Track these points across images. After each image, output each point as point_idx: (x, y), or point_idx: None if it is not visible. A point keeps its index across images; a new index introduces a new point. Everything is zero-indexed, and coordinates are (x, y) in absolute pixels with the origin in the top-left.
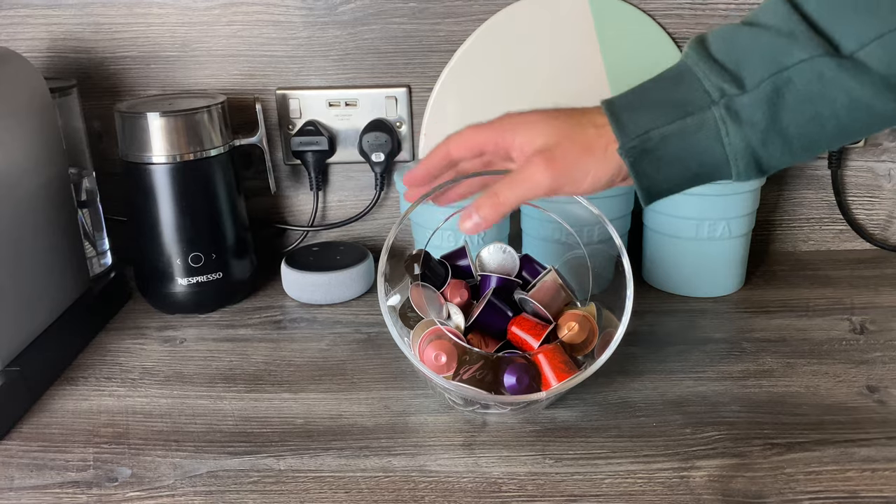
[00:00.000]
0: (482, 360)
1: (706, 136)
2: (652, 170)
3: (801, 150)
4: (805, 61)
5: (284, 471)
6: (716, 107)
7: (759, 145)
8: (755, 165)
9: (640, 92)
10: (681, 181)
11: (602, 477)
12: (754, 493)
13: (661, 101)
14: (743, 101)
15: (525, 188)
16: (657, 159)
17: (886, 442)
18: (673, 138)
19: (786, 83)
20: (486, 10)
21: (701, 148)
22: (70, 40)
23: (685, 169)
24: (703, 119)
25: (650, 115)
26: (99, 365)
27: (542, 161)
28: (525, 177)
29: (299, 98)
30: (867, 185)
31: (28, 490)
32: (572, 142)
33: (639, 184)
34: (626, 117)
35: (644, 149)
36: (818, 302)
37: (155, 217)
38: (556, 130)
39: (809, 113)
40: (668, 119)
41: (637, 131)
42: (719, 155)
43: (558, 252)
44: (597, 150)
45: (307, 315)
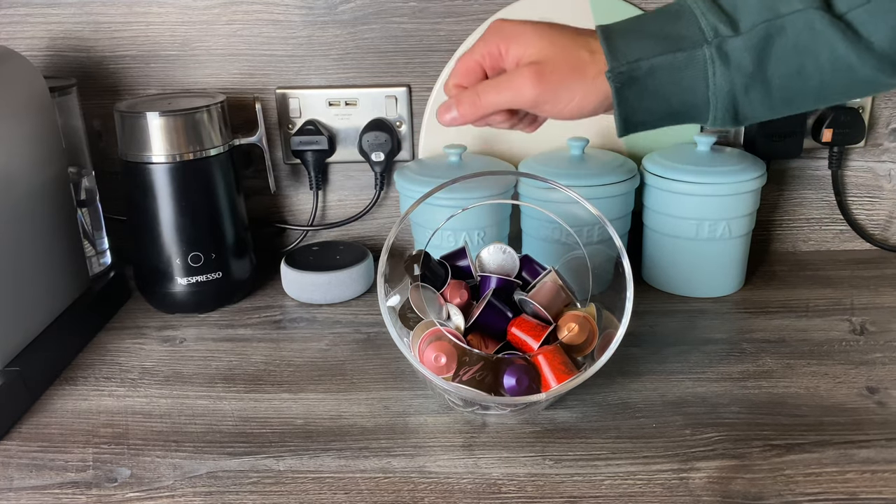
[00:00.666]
0: (482, 362)
1: (693, 74)
2: (635, 99)
3: (780, 103)
4: (800, 11)
5: (284, 471)
6: (708, 46)
7: (741, 91)
8: (733, 112)
9: (637, 22)
10: (659, 116)
11: (602, 478)
12: (754, 495)
13: (656, 33)
14: (735, 43)
15: (508, 95)
16: (642, 89)
17: (886, 443)
18: (661, 70)
19: (778, 31)
20: (485, 10)
21: (685, 84)
22: (69, 39)
23: (666, 104)
24: (693, 56)
25: (643, 44)
26: (98, 365)
27: (531, 73)
28: (511, 84)
29: (299, 97)
30: (867, 185)
31: (27, 490)
32: (564, 60)
33: (619, 111)
34: (619, 43)
35: (631, 76)
36: (818, 302)
37: (154, 216)
38: (550, 46)
39: (795, 65)
40: (660, 50)
41: (628, 58)
42: (701, 95)
43: (558, 252)
44: (587, 75)
45: (307, 315)
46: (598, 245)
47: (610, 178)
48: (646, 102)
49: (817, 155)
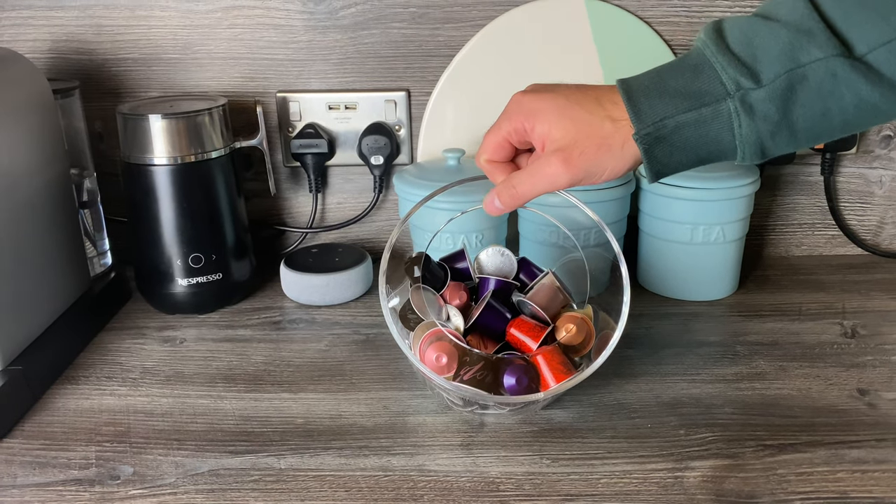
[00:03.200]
0: (482, 362)
1: (719, 127)
2: (663, 155)
3: (805, 141)
4: (820, 60)
5: (285, 470)
6: (731, 99)
7: (767, 137)
8: (760, 154)
9: (658, 78)
10: (688, 164)
11: (598, 477)
12: (747, 494)
13: (679, 90)
14: (758, 95)
15: (543, 185)
16: (670, 145)
17: (876, 444)
18: (687, 127)
19: (800, 80)
20: (484, 17)
21: (712, 137)
22: (72, 42)
23: (694, 154)
24: (717, 110)
25: (667, 102)
26: (100, 364)
27: (560, 161)
28: (543, 174)
29: (299, 101)
30: (859, 191)
31: (31, 488)
32: (589, 138)
33: (649, 167)
34: (643, 104)
35: (659, 136)
36: (810, 306)
37: (155, 218)
38: (572, 123)
39: (819, 109)
40: (685, 108)
41: (653, 118)
42: (728, 144)
43: (556, 255)
44: (614, 147)
45: (306, 316)
46: (594, 248)
47: (606, 183)
48: (675, 156)
49: (810, 161)
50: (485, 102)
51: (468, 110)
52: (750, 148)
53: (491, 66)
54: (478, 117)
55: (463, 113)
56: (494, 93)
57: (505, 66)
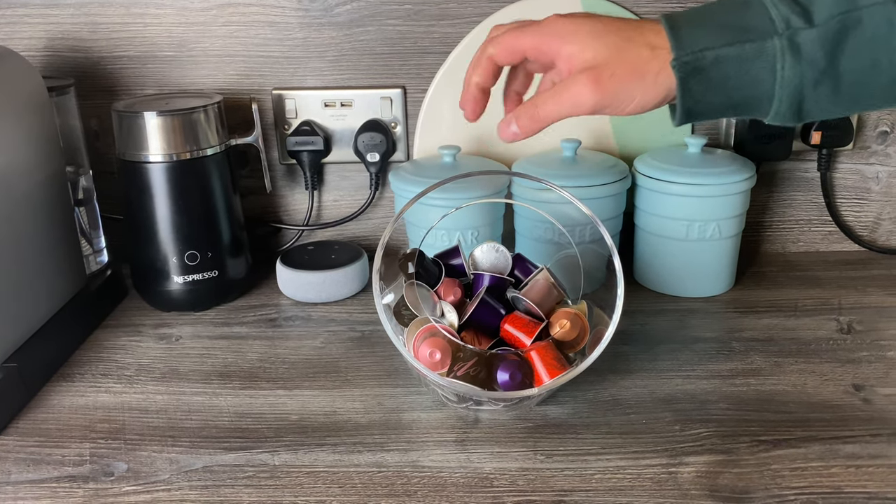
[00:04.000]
0: (476, 357)
1: (761, 66)
2: (698, 89)
3: (846, 100)
4: (879, 4)
5: (279, 466)
6: (779, 37)
7: (810, 85)
8: (796, 108)
9: (704, 11)
10: (720, 108)
11: (592, 472)
12: (741, 489)
13: (724, 23)
14: (808, 35)
15: (568, 105)
16: (707, 80)
17: (871, 439)
18: (728, 61)
19: (855, 24)
20: (480, 13)
21: (752, 76)
22: (68, 40)
23: (728, 96)
24: (762, 47)
25: (710, 33)
26: (95, 361)
27: (588, 80)
28: (569, 93)
29: (295, 98)
30: (856, 187)
31: (25, 484)
32: (623, 62)
33: (682, 101)
34: (685, 31)
35: (697, 66)
36: (806, 302)
37: (151, 215)
38: (606, 46)
39: (868, 59)
40: (728, 41)
41: (694, 47)
42: (767, 88)
43: (550, 252)
44: (647, 75)
45: (302, 313)
46: (589, 245)
47: (602, 179)
48: (709, 94)
49: (806, 157)
50: None
51: None
52: (788, 97)
53: None
54: None
55: (459, 110)
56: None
57: None
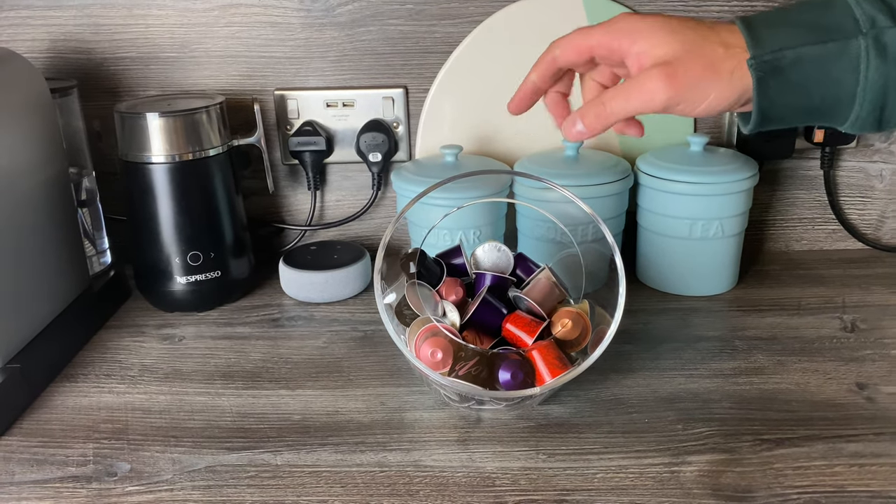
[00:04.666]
0: (477, 357)
1: (844, 67)
2: (776, 91)
3: None
4: None
5: (281, 466)
6: (863, 37)
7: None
8: (878, 113)
9: (782, 11)
10: (798, 112)
11: (594, 472)
12: (743, 488)
13: (805, 22)
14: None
15: (639, 101)
16: (785, 80)
17: (874, 437)
18: (808, 61)
19: None
20: (481, 12)
21: (833, 78)
22: (70, 41)
23: (808, 99)
24: (846, 47)
25: (790, 32)
26: (98, 362)
27: (661, 75)
28: (641, 89)
29: (297, 99)
30: (859, 185)
31: (29, 485)
32: (697, 58)
33: (758, 103)
34: (763, 31)
35: (776, 66)
36: (810, 301)
37: (154, 216)
38: (680, 43)
39: None
40: (809, 40)
41: (773, 46)
42: (849, 90)
43: (552, 251)
44: (722, 72)
45: (304, 313)
46: (592, 244)
47: (604, 178)
48: (787, 96)
49: (809, 155)
50: (482, 99)
51: (466, 107)
52: (871, 99)
53: (488, 62)
54: (476, 114)
55: (461, 109)
56: (492, 89)
57: (502, 63)
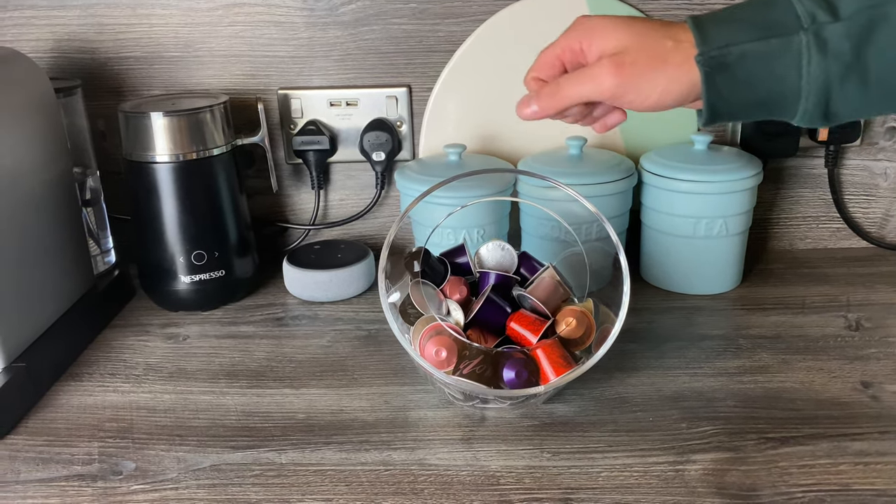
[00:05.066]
0: (482, 356)
1: (787, 62)
2: (723, 86)
3: (876, 98)
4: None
5: (286, 464)
6: (805, 32)
7: (836, 81)
8: (824, 106)
9: (729, 10)
10: (746, 106)
11: (598, 470)
12: (748, 486)
13: (750, 20)
14: (834, 29)
15: (589, 87)
16: (732, 76)
17: (879, 436)
18: (753, 57)
19: (882, 18)
20: (485, 11)
21: (778, 73)
22: (74, 41)
23: (754, 93)
24: (788, 42)
25: (736, 29)
26: (103, 361)
27: (610, 64)
28: (591, 75)
29: (301, 98)
30: (863, 183)
31: (34, 483)
32: (646, 49)
33: (707, 98)
34: (710, 28)
35: (722, 62)
36: (814, 299)
37: (158, 215)
38: (631, 36)
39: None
40: (753, 36)
41: (720, 42)
42: (793, 84)
43: (556, 250)
44: (670, 64)
45: (308, 312)
46: (596, 242)
47: (608, 177)
48: (735, 91)
49: (813, 153)
50: (486, 97)
51: (469, 106)
52: (815, 93)
53: (492, 61)
54: (479, 112)
55: (464, 108)
56: (496, 88)
57: (506, 61)
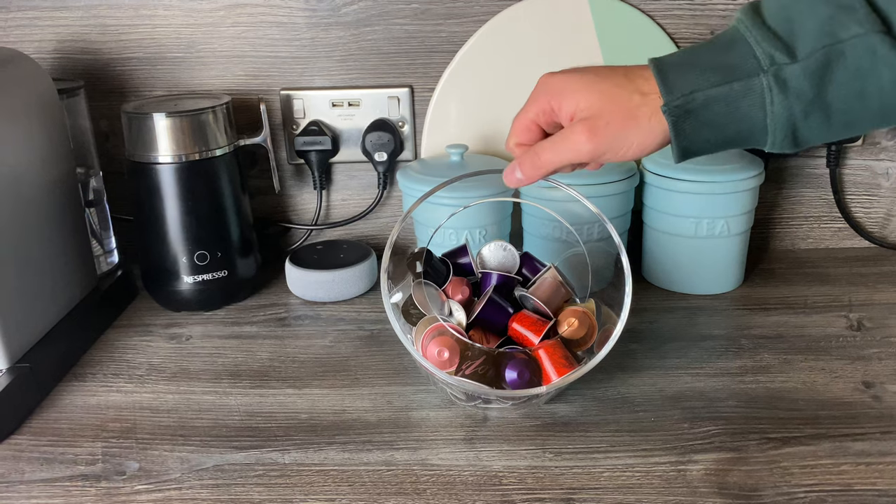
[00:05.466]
0: (484, 356)
1: (750, 103)
2: (692, 130)
3: (839, 127)
4: (860, 36)
5: (289, 464)
6: (765, 74)
7: (800, 117)
8: (791, 138)
9: (691, 53)
10: (717, 144)
11: (601, 470)
12: (750, 487)
13: (711, 64)
14: (793, 70)
15: (566, 154)
16: (698, 120)
17: (881, 436)
18: (717, 101)
19: (838, 56)
20: (487, 12)
21: (742, 114)
22: (77, 42)
23: (722, 133)
24: (749, 85)
25: (697, 75)
26: (106, 361)
27: (584, 129)
28: (567, 142)
29: (303, 98)
30: (865, 183)
31: (38, 483)
32: (616, 110)
33: (676, 143)
34: (673, 76)
35: (687, 109)
36: (816, 299)
37: (161, 216)
38: (600, 98)
39: (856, 88)
40: (716, 82)
41: (683, 90)
42: (759, 123)
43: (558, 250)
44: (641, 120)
45: (311, 312)
46: (597, 243)
47: (609, 177)
48: (703, 133)
49: (815, 153)
50: (488, 98)
51: (471, 106)
52: (781, 129)
53: (494, 61)
54: (481, 113)
55: (466, 108)
56: (498, 88)
57: (508, 62)
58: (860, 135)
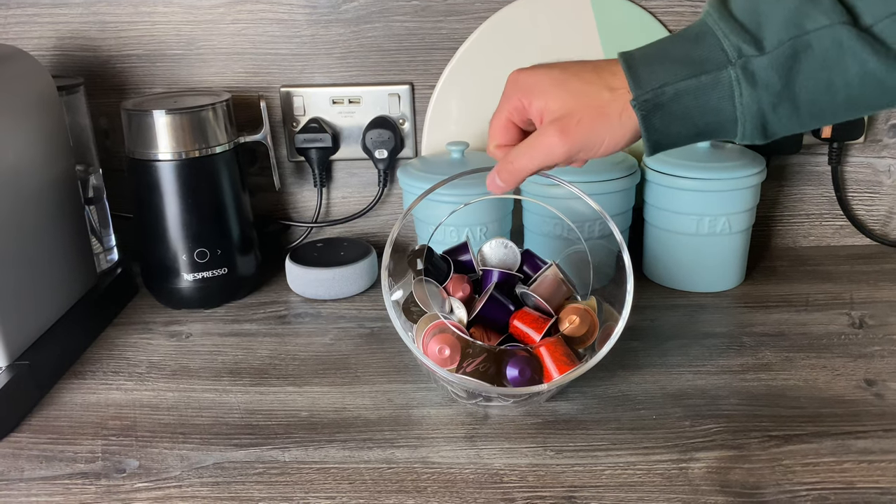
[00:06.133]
0: (485, 353)
1: (719, 95)
2: (662, 124)
3: (808, 118)
4: (826, 27)
5: (289, 462)
6: (732, 67)
7: (769, 109)
8: (761, 129)
9: (659, 47)
10: (687, 137)
11: (602, 468)
12: (752, 485)
13: (679, 57)
14: (760, 62)
15: (540, 157)
16: (668, 113)
17: (883, 434)
18: (686, 94)
19: (805, 48)
20: (487, 8)
21: (712, 106)
22: (77, 39)
23: (693, 126)
24: (718, 78)
25: (666, 69)
26: (106, 359)
27: (556, 131)
28: (540, 146)
29: (303, 95)
30: (867, 181)
31: (38, 481)
32: (586, 107)
33: (647, 136)
34: (642, 70)
35: (657, 103)
36: (818, 297)
37: (161, 213)
38: (571, 97)
39: (823, 80)
40: (684, 75)
41: (652, 84)
42: (728, 115)
43: (559, 247)
44: (611, 116)
45: (311, 310)
46: (598, 240)
47: (611, 175)
48: (673, 126)
49: (817, 151)
50: (488, 95)
51: (472, 103)
52: (751, 120)
53: (494, 58)
54: (482, 110)
55: (467, 106)
56: (498, 85)
57: (508, 59)
58: (830, 125)
